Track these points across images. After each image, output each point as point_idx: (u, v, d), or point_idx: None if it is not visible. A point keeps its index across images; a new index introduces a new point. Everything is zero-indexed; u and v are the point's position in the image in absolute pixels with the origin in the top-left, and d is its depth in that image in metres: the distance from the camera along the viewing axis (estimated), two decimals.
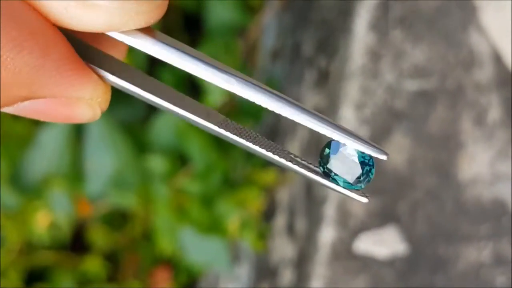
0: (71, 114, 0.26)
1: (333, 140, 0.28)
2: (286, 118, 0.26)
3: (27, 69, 0.24)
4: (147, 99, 0.28)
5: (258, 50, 0.89)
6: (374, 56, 0.59)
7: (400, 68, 0.59)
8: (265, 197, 0.76)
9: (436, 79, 0.59)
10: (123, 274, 1.01)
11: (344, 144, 0.28)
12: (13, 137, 0.89)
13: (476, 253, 0.62)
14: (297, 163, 0.29)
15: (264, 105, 0.27)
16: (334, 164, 0.29)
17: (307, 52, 0.72)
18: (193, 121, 0.29)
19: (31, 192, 0.86)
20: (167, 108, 0.28)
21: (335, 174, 0.29)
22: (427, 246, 0.61)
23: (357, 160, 0.29)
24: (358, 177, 0.29)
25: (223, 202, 0.77)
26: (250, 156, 0.80)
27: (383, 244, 0.61)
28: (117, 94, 0.77)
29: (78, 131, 0.84)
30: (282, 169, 0.74)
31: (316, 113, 0.28)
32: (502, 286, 0.62)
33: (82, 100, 0.26)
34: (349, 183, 0.29)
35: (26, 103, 0.25)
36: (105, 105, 0.27)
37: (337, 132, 0.28)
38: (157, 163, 0.83)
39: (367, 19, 0.59)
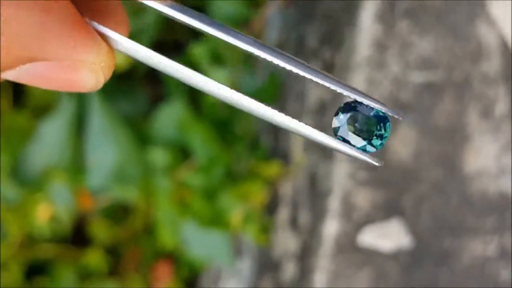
0: (74, 80, 0.25)
1: (348, 101, 0.28)
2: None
3: (27, 27, 0.23)
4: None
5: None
6: (380, 47, 0.58)
7: (406, 60, 0.58)
8: (268, 191, 0.75)
9: (442, 71, 0.58)
10: (124, 268, 1.00)
11: (360, 103, 0.28)
12: (14, 130, 0.88)
13: (482, 247, 0.61)
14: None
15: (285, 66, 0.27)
16: (349, 123, 0.28)
17: (312, 44, 0.71)
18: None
19: (32, 185, 0.86)
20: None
21: (350, 134, 0.28)
22: (432, 240, 0.61)
23: (373, 115, 0.28)
24: (375, 134, 0.29)
25: (225, 195, 0.76)
26: (254, 149, 0.79)
27: (388, 237, 0.60)
28: (120, 88, 0.76)
29: (79, 124, 0.83)
30: (286, 160, 0.73)
31: (334, 77, 0.27)
32: (507, 280, 0.61)
33: (85, 64, 0.25)
34: (364, 144, 0.28)
35: (27, 66, 0.24)
36: (108, 72, 0.26)
37: (353, 92, 0.27)
38: (159, 156, 0.82)
39: (373, 11, 0.58)
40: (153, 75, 0.90)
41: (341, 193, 0.60)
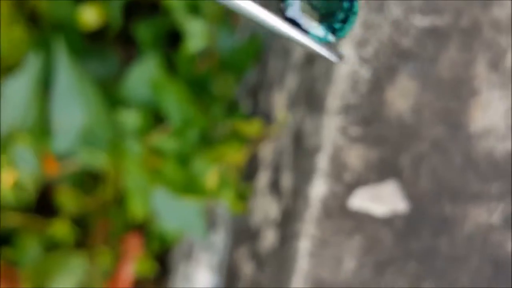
0: None
1: None
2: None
3: None
4: None
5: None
6: None
7: (409, 1, 0.50)
8: (247, 154, 0.67)
9: (449, 15, 0.50)
10: (92, 240, 0.96)
11: None
12: None
13: (486, 215, 0.53)
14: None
15: None
16: (302, 4, 0.21)
17: None
18: None
19: None
20: None
21: (302, 16, 0.21)
22: (430, 205, 0.52)
23: None
24: (336, 20, 0.20)
25: (200, 159, 0.71)
26: (232, 110, 0.73)
27: (382, 200, 0.52)
28: (91, 48, 0.69)
29: (45, 83, 0.78)
30: (267, 121, 0.65)
31: None
32: None
33: None
34: (322, 30, 0.20)
35: None
36: None
37: None
38: (130, 119, 0.77)
39: None
40: (126, 35, 0.85)
41: (331, 151, 0.51)
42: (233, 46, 0.75)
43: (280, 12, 0.21)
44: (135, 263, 0.94)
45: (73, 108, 0.77)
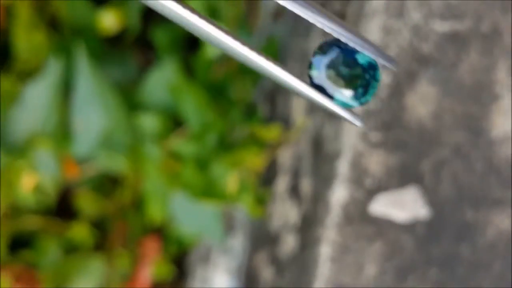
0: None
1: (328, 40, 0.22)
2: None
3: None
4: None
5: (259, 9, 0.82)
6: None
7: (429, 6, 0.49)
8: (266, 158, 0.67)
9: (470, 20, 0.49)
10: (111, 243, 0.95)
11: (344, 45, 0.22)
12: None
13: (507, 221, 0.52)
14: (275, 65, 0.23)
15: None
16: (328, 72, 0.22)
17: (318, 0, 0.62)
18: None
19: (15, 152, 0.81)
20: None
21: (328, 83, 0.22)
22: (452, 211, 0.52)
23: (360, 60, 0.22)
24: (360, 86, 0.22)
25: (218, 164, 0.70)
26: (250, 115, 0.73)
27: (403, 206, 0.51)
28: (109, 53, 0.69)
29: (66, 88, 0.78)
30: (286, 126, 0.65)
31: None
32: None
33: None
34: (345, 97, 0.22)
35: None
36: None
37: (336, 27, 0.21)
38: (148, 123, 0.77)
39: None
40: (144, 40, 0.85)
41: (351, 156, 0.51)
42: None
43: (308, 78, 0.22)
44: (152, 266, 0.94)
45: (93, 112, 0.78)
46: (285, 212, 0.62)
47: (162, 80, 0.77)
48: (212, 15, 0.71)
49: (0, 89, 0.82)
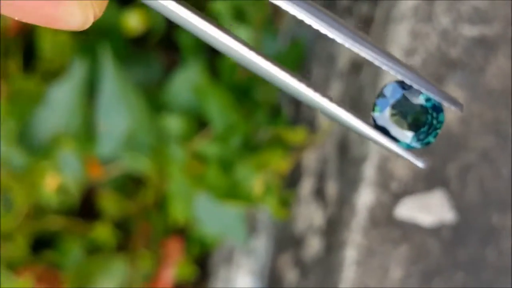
0: (57, 15, 0.21)
1: (393, 82, 0.22)
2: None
3: None
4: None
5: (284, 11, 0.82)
6: None
7: (458, 11, 0.49)
8: (291, 161, 0.67)
9: (498, 25, 0.49)
10: (134, 244, 0.96)
11: (409, 86, 0.22)
12: (23, 94, 0.84)
13: None
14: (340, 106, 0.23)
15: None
16: (392, 111, 0.22)
17: (344, 2, 0.62)
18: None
19: (39, 152, 0.81)
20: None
21: (391, 125, 0.22)
22: (478, 215, 0.52)
23: (424, 103, 0.22)
24: (423, 128, 0.22)
25: (243, 165, 0.71)
26: (275, 116, 0.73)
27: (429, 210, 0.52)
28: (134, 54, 0.69)
29: (91, 89, 0.79)
30: (311, 128, 0.65)
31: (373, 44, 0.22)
32: None
33: None
34: (408, 138, 0.22)
35: None
36: (100, 9, 0.22)
37: (401, 70, 0.21)
38: (173, 124, 0.77)
39: None
40: (169, 41, 0.86)
41: (377, 160, 0.51)
42: (277, 51, 0.75)
43: (371, 119, 0.23)
44: (175, 266, 0.94)
45: (118, 113, 0.78)
46: (310, 215, 0.63)
47: (187, 81, 0.78)
48: (238, 17, 0.71)
49: (24, 89, 0.83)
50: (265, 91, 0.75)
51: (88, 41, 0.83)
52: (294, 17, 0.67)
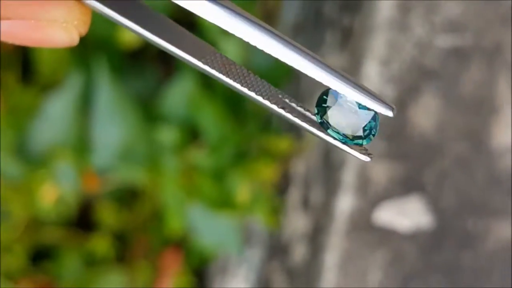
0: (45, 38, 0.25)
1: (331, 89, 0.25)
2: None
3: None
4: (129, 27, 0.26)
5: (278, 22, 0.84)
6: (404, 8, 0.53)
7: (432, 22, 0.52)
8: (279, 170, 0.70)
9: (471, 35, 0.53)
10: (132, 255, 0.97)
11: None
12: (20, 106, 0.86)
13: (508, 229, 0.56)
14: (292, 111, 0.26)
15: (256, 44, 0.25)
16: (332, 115, 0.25)
17: (330, 15, 0.66)
18: (174, 53, 0.27)
19: (36, 163, 0.83)
20: (149, 39, 0.27)
21: (333, 128, 0.25)
22: (454, 219, 0.55)
23: (358, 113, 0.25)
24: (359, 133, 0.25)
25: (234, 175, 0.73)
26: (266, 127, 0.75)
27: (406, 215, 0.55)
28: (130, 65, 0.72)
29: (86, 101, 0.80)
30: (299, 137, 0.68)
31: (316, 57, 0.24)
32: None
33: (55, 23, 0.24)
34: (348, 138, 0.25)
35: None
36: (84, 28, 0.25)
37: (336, 79, 0.24)
38: (167, 135, 0.79)
39: None
40: (164, 53, 0.87)
41: (356, 166, 0.54)
42: (267, 62, 0.77)
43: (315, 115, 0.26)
44: (173, 277, 0.94)
45: (113, 125, 0.79)
46: (296, 222, 0.65)
47: (181, 93, 0.79)
48: (226, 31, 0.73)
49: (22, 101, 0.85)
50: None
51: (84, 54, 0.84)
52: (289, 29, 0.69)
